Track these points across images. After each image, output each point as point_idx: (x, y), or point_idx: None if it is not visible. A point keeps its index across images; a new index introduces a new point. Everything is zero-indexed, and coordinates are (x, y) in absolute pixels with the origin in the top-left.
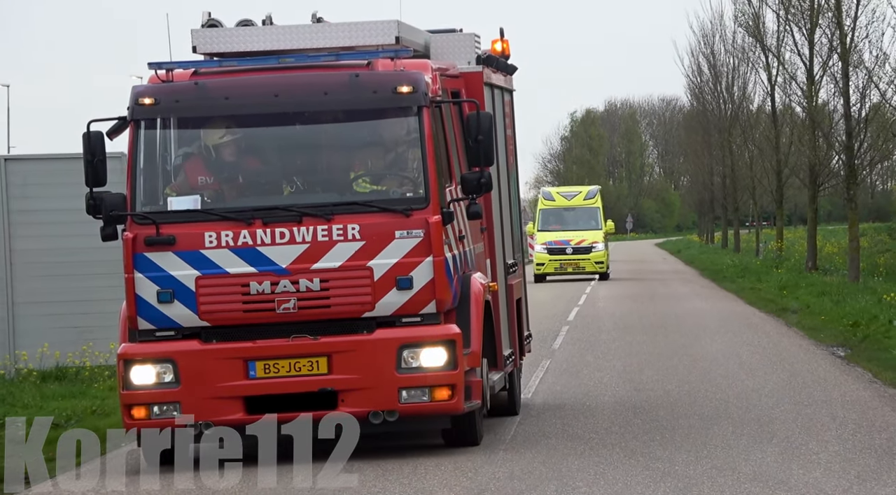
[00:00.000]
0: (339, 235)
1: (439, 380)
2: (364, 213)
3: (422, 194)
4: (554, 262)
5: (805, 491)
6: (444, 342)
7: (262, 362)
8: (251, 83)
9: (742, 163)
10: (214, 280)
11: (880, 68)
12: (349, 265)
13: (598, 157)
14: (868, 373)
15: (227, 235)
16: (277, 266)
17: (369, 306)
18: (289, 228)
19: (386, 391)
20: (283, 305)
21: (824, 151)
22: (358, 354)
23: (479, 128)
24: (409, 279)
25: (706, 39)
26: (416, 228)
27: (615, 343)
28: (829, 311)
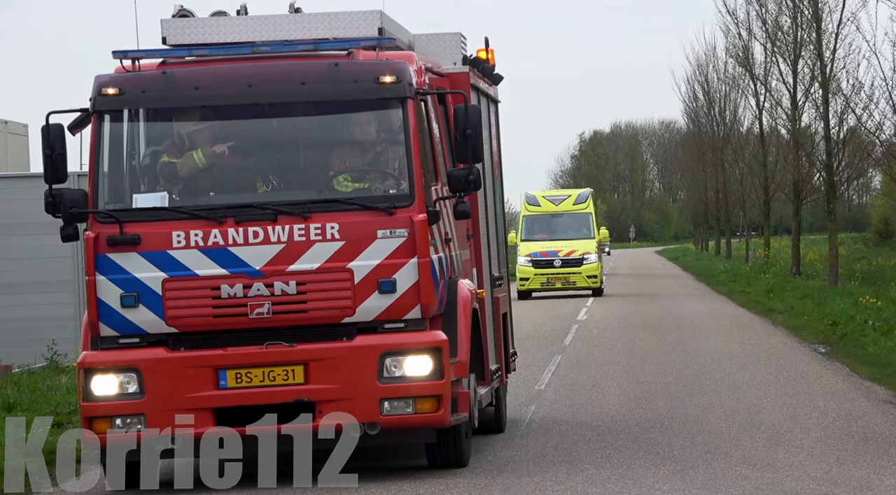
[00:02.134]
0: (317, 235)
1: (424, 391)
2: (344, 212)
3: (406, 191)
4: (540, 277)
5: (790, 473)
6: (429, 349)
7: (233, 371)
8: (223, 73)
9: (733, 179)
10: (182, 283)
11: (856, 95)
12: (328, 267)
13: (604, 174)
14: (846, 368)
15: (197, 235)
16: (250, 268)
17: (349, 311)
18: (263, 227)
19: (367, 402)
20: (257, 310)
21: (807, 169)
22: (337, 362)
23: (467, 122)
24: (392, 282)
25: (701, 69)
26: (399, 227)
27: (620, 340)
28: (811, 312)
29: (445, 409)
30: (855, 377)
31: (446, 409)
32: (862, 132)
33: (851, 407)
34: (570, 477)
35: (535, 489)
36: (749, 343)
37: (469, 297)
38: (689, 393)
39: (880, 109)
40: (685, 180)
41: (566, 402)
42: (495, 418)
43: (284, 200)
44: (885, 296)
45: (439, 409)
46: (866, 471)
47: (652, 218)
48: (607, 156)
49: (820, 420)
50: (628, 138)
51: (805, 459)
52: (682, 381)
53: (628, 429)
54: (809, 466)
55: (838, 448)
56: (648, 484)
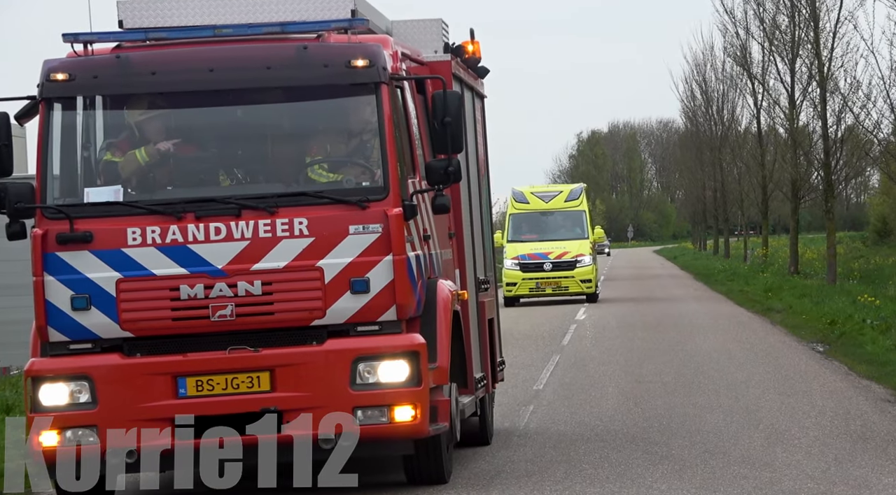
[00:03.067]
0: (283, 231)
1: (400, 398)
2: (313, 206)
3: (380, 183)
4: (528, 282)
5: (788, 472)
6: (405, 354)
7: (193, 378)
8: (182, 57)
9: (731, 178)
10: (138, 283)
11: (854, 94)
12: (296, 265)
13: (602, 173)
14: (844, 367)
15: (154, 231)
16: (212, 266)
17: (319, 313)
18: (225, 223)
19: (338, 411)
20: (219, 312)
21: (805, 168)
22: (306, 368)
23: (446, 109)
24: (365, 281)
25: (699, 68)
26: (373, 222)
27: (618, 339)
28: (809, 311)
29: (423, 418)
30: (853, 376)
31: (424, 418)
32: (860, 131)
33: (850, 405)
34: (569, 477)
35: (532, 489)
36: (747, 342)
37: (449, 298)
38: (687, 392)
39: (878, 108)
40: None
41: (564, 402)
42: (480, 429)
43: (249, 194)
44: (884, 294)
45: (417, 418)
46: (864, 470)
47: (650, 217)
48: (605, 156)
49: (818, 419)
50: (626, 138)
51: (803, 458)
52: (680, 381)
53: (626, 429)
54: (808, 465)
55: (836, 447)
56: (647, 483)
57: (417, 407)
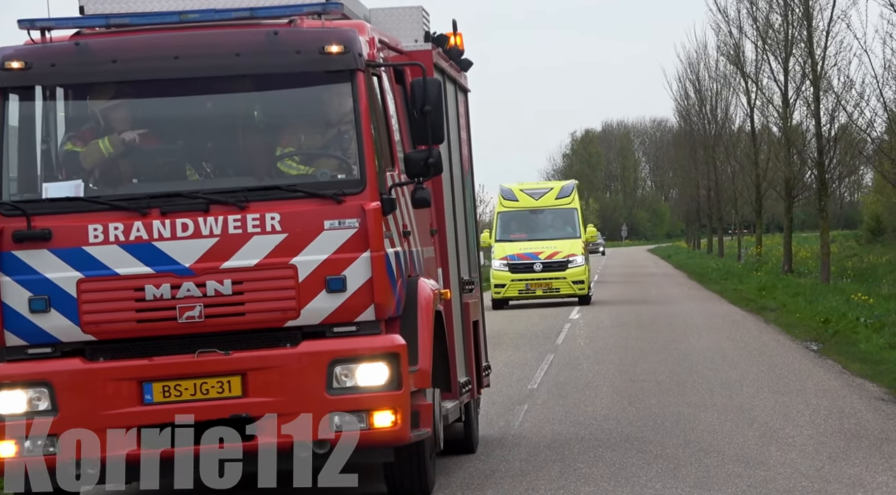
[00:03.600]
0: (255, 227)
1: (379, 403)
2: (285, 200)
3: (356, 176)
4: (518, 283)
5: (782, 471)
6: (385, 356)
7: (160, 384)
8: (145, 44)
9: (725, 177)
10: (101, 283)
11: (847, 93)
12: (268, 263)
13: (596, 172)
14: (838, 365)
15: (117, 228)
16: (179, 265)
17: (293, 313)
18: (193, 219)
19: (314, 417)
20: (187, 313)
21: (798, 167)
22: (279, 372)
23: (426, 97)
24: (341, 279)
25: (692, 67)
26: (349, 217)
27: (612, 339)
28: (803, 310)
29: (404, 424)
30: (847, 374)
31: (405, 424)
32: (853, 129)
33: (843, 404)
34: (563, 476)
35: (527, 487)
36: (741, 341)
37: (431, 298)
38: (681, 391)
39: (871, 107)
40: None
41: (559, 401)
42: (465, 437)
43: (218, 188)
44: (877, 293)
45: (397, 424)
46: (858, 468)
47: (644, 216)
48: (599, 155)
49: (812, 417)
50: (620, 137)
51: (797, 457)
52: (674, 379)
53: (621, 428)
54: (802, 464)
55: (830, 445)
56: (641, 482)
57: (398, 412)
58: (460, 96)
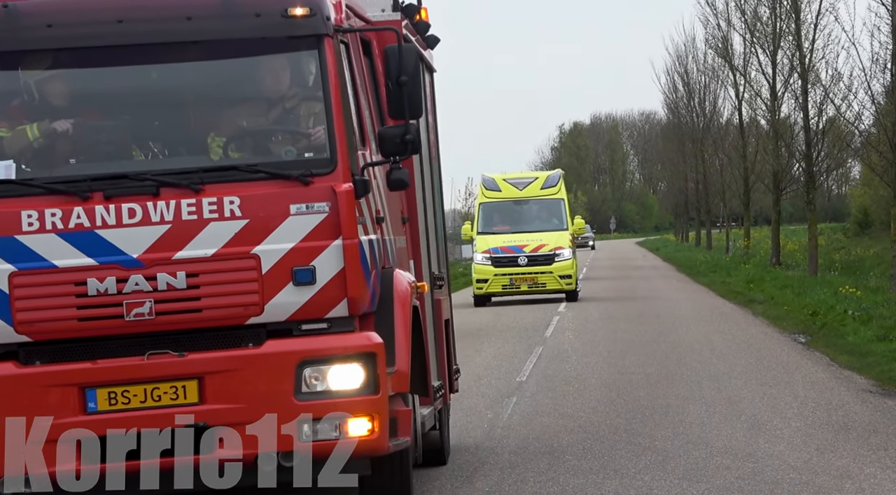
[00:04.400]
0: (211, 212)
1: (354, 409)
2: (246, 182)
3: (325, 154)
4: (501, 278)
5: (770, 463)
6: (360, 356)
7: (105, 390)
8: (84, 6)
9: (713, 170)
10: (36, 277)
11: (835, 86)
12: (227, 253)
13: (584, 165)
14: (826, 357)
15: (54, 215)
16: (126, 256)
17: (256, 309)
18: (141, 204)
19: (280, 425)
20: (135, 310)
21: (786, 160)
22: (241, 375)
23: (402, 66)
24: (309, 271)
25: (680, 60)
26: (318, 201)
27: (601, 331)
28: (791, 302)
29: (382, 432)
30: (835, 366)
31: (383, 432)
32: (841, 122)
33: (831, 396)
34: (552, 468)
35: (516, 480)
36: (729, 333)
37: (409, 291)
38: (669, 383)
39: (859, 100)
40: (665, 171)
41: (547, 394)
42: (439, 446)
43: (168, 169)
44: (865, 285)
45: (374, 432)
46: (846, 460)
47: (632, 209)
48: (587, 148)
49: (800, 409)
50: (608, 129)
51: (785, 449)
52: (662, 372)
53: (609, 420)
54: (790, 455)
55: (818, 437)
56: (630, 474)
57: (375, 419)
58: (426, 76)
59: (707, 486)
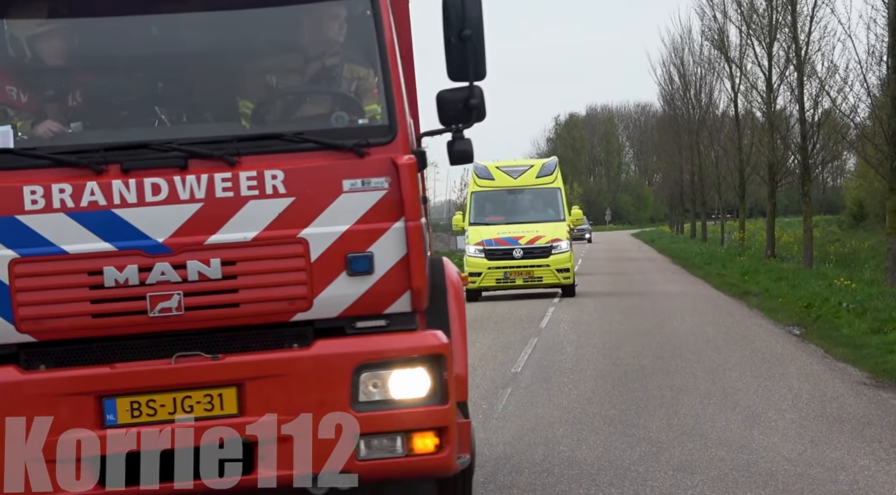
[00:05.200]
0: (250, 188)
1: (420, 421)
2: (290, 153)
3: (383, 121)
4: (495, 271)
5: (765, 455)
6: (425, 359)
7: (127, 399)
8: None
9: (708, 162)
10: (43, 265)
11: (831, 78)
12: (269, 236)
13: (580, 157)
14: (820, 350)
15: (63, 191)
16: (150, 240)
17: (303, 303)
18: (167, 178)
19: (336, 442)
20: (161, 304)
21: (782, 152)
22: (287, 382)
23: (465, 18)
24: (366, 258)
25: (676, 52)
26: (376, 175)
27: (596, 323)
28: (785, 294)
29: (450, 448)
30: (829, 359)
31: (451, 448)
32: (836, 115)
33: (826, 388)
34: (547, 459)
35: (511, 470)
36: (724, 325)
37: (460, 283)
38: (664, 375)
39: (855, 92)
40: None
41: (542, 385)
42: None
43: (198, 137)
44: (859, 278)
45: (442, 449)
46: (840, 452)
47: (627, 200)
48: (583, 139)
49: (795, 401)
50: (604, 121)
51: (780, 440)
52: (658, 363)
53: (604, 411)
54: (784, 447)
55: (813, 429)
56: (625, 465)
57: (443, 434)
58: None
59: (701, 477)
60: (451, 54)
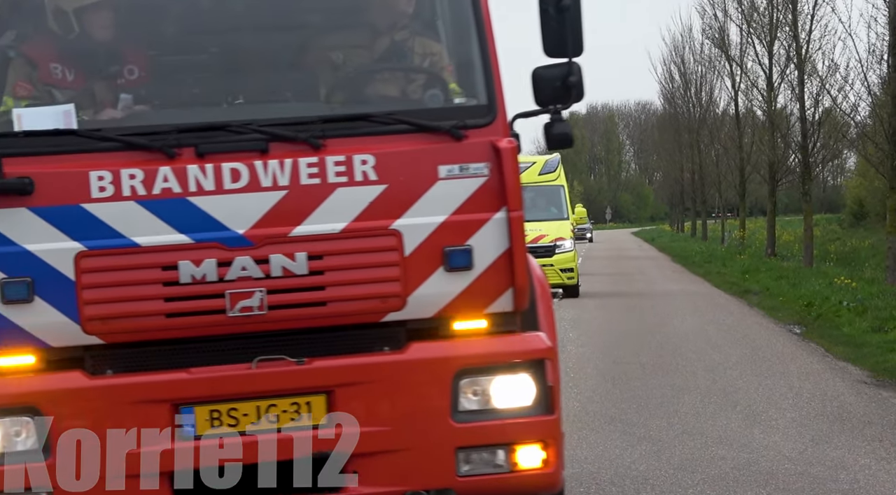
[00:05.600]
0: (338, 175)
1: (525, 433)
2: (381, 136)
3: (481, 100)
4: None
5: (765, 453)
6: (530, 364)
7: (206, 408)
8: None
9: (709, 160)
10: (112, 259)
11: (831, 76)
12: (359, 228)
13: (580, 156)
14: (821, 348)
15: (134, 177)
16: (229, 231)
17: (396, 302)
18: (247, 163)
19: (434, 456)
20: (242, 303)
21: (782, 150)
22: (380, 389)
23: None
24: (466, 251)
25: (677, 50)
26: (475, 161)
27: (596, 321)
28: (786, 293)
29: (557, 463)
30: (830, 357)
31: (558, 463)
32: (837, 113)
33: (826, 387)
34: None
35: None
36: (725, 324)
37: (546, 281)
38: (665, 373)
39: (855, 91)
40: (661, 161)
41: None
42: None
43: (281, 118)
44: (860, 276)
45: (550, 464)
46: (841, 451)
47: (628, 199)
48: (583, 138)
49: (795, 400)
50: (604, 119)
51: (780, 439)
52: (658, 362)
53: (605, 410)
54: (785, 446)
55: (813, 428)
56: (625, 464)
57: (549, 447)
58: None
59: (702, 476)
60: (547, 27)
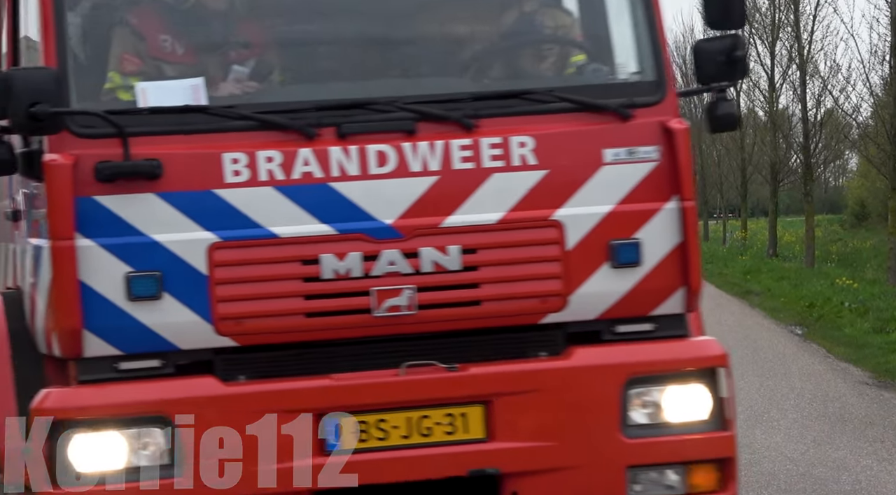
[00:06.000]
0: (494, 158)
1: (703, 451)
2: (539, 115)
3: (650, 76)
4: None
5: (767, 454)
6: (703, 373)
7: (352, 419)
8: None
9: (711, 161)
10: (248, 251)
11: (833, 77)
12: (518, 218)
13: None
14: (822, 349)
15: (271, 160)
16: (376, 222)
17: (557, 301)
18: (394, 145)
19: (603, 476)
20: (389, 301)
21: (784, 151)
22: (542, 400)
23: None
24: (634, 246)
25: (679, 50)
26: (644, 144)
27: None
28: (787, 294)
29: (734, 485)
30: (831, 358)
31: (734, 485)
32: (839, 114)
33: (828, 388)
34: None
35: None
36: (726, 324)
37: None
38: None
39: (857, 91)
40: None
41: None
42: None
43: (430, 95)
44: (861, 277)
45: (726, 486)
46: (843, 452)
47: None
48: None
49: (797, 401)
50: None
51: (782, 440)
52: None
53: None
54: (787, 447)
55: (815, 429)
56: None
57: (726, 467)
58: None
59: None
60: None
